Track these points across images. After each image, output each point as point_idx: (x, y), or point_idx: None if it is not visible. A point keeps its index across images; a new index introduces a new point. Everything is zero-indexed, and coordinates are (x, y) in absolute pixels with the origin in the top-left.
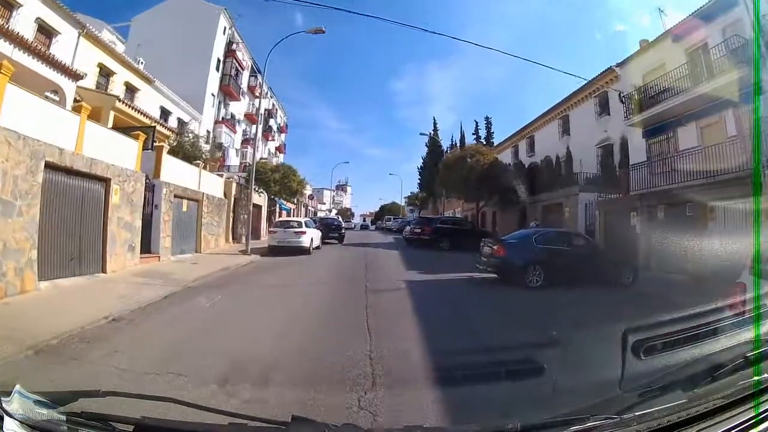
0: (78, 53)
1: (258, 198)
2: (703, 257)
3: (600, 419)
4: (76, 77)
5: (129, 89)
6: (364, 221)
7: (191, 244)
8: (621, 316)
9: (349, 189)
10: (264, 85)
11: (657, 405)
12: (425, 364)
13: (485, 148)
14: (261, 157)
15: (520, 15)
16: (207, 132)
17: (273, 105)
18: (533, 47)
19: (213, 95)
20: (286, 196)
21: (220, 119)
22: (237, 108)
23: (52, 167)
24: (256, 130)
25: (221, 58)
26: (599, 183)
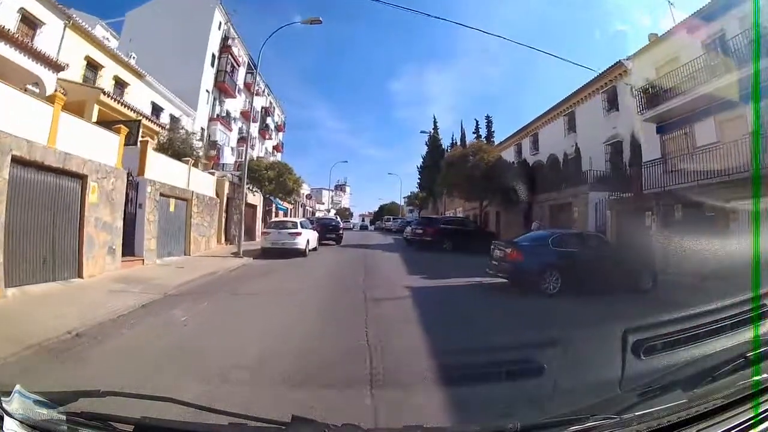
0: (64, 45)
1: (253, 197)
2: (725, 260)
3: (600, 419)
4: (57, 68)
5: (118, 84)
6: (363, 221)
7: (179, 246)
8: None
9: (348, 189)
10: (261, 82)
11: (657, 405)
12: (439, 402)
13: (488, 145)
14: (258, 156)
15: (520, 15)
16: (201, 129)
17: (270, 103)
18: (534, 45)
19: (208, 92)
20: (281, 195)
21: (214, 116)
22: (233, 105)
23: (19, 162)
24: (248, 125)
25: (216, 53)
26: (609, 181)
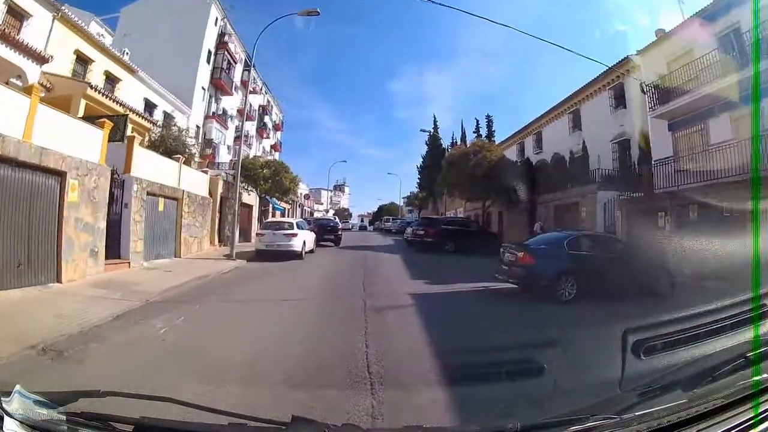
0: (52, 38)
1: (248, 197)
2: (744, 263)
3: (600, 419)
4: (40, 60)
5: (109, 79)
6: (362, 222)
7: (169, 248)
8: None
9: (347, 189)
10: (258, 80)
11: (657, 405)
12: None
13: (491, 144)
14: (255, 155)
15: (520, 15)
16: (197, 127)
17: (268, 101)
18: (533, 47)
19: (203, 89)
20: (277, 194)
21: (210, 114)
22: (229, 103)
23: None
24: (243, 118)
25: (212, 50)
26: (617, 181)
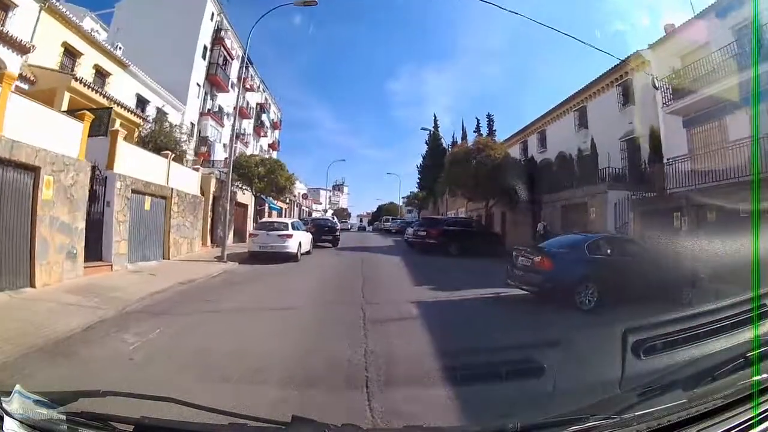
0: (39, 29)
1: (243, 196)
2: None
3: (600, 419)
4: (22, 50)
5: (99, 73)
6: (361, 222)
7: (157, 249)
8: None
9: (346, 189)
10: (256, 77)
11: (657, 405)
12: None
13: (496, 141)
14: (252, 154)
15: (519, 15)
16: (191, 124)
17: (266, 99)
18: (533, 46)
19: (198, 85)
20: (273, 193)
21: (206, 111)
22: (225, 100)
23: None
24: (234, 116)
25: (208, 45)
26: (626, 180)
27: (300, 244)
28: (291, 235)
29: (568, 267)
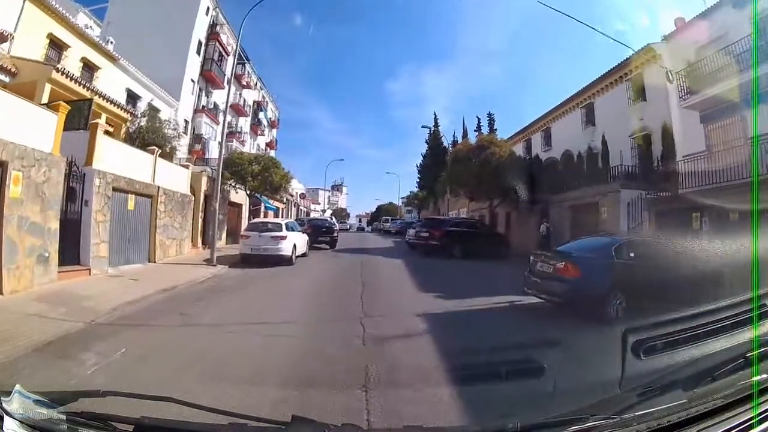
0: (23, 19)
1: (237, 195)
2: None
3: (600, 419)
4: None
5: (87, 67)
6: (360, 222)
7: (142, 251)
8: None
9: (345, 189)
10: (253, 74)
11: (657, 405)
12: None
13: (500, 139)
14: (248, 152)
15: (520, 15)
16: (185, 121)
17: (263, 97)
18: (532, 46)
19: (193, 81)
20: (267, 191)
21: (200, 108)
22: (221, 97)
23: None
24: (224, 112)
25: (203, 40)
26: (638, 178)
27: (295, 246)
28: (285, 237)
29: (596, 274)
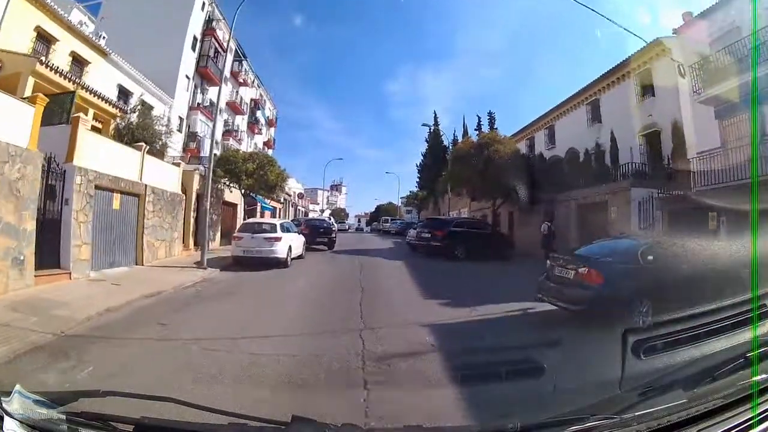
0: (9, 11)
1: (231, 194)
2: None
3: (600, 419)
4: None
5: (77, 61)
6: (359, 222)
7: (129, 254)
8: None
9: (344, 189)
10: (250, 72)
11: (657, 405)
12: None
13: (503, 136)
14: (245, 151)
15: (520, 15)
16: (180, 119)
17: (261, 95)
18: (532, 46)
19: (188, 77)
20: (262, 191)
21: (195, 105)
22: (217, 95)
23: None
24: (216, 106)
25: (198, 36)
26: (648, 176)
27: (290, 248)
28: (279, 238)
29: (621, 280)
